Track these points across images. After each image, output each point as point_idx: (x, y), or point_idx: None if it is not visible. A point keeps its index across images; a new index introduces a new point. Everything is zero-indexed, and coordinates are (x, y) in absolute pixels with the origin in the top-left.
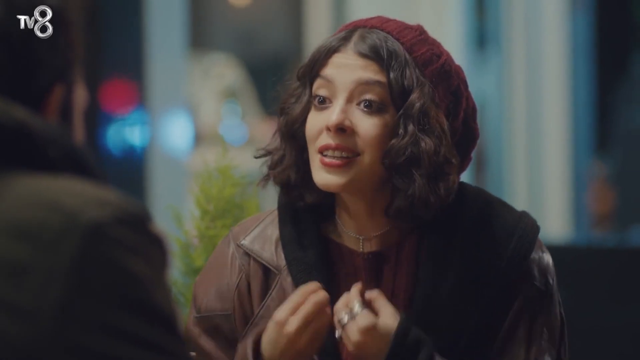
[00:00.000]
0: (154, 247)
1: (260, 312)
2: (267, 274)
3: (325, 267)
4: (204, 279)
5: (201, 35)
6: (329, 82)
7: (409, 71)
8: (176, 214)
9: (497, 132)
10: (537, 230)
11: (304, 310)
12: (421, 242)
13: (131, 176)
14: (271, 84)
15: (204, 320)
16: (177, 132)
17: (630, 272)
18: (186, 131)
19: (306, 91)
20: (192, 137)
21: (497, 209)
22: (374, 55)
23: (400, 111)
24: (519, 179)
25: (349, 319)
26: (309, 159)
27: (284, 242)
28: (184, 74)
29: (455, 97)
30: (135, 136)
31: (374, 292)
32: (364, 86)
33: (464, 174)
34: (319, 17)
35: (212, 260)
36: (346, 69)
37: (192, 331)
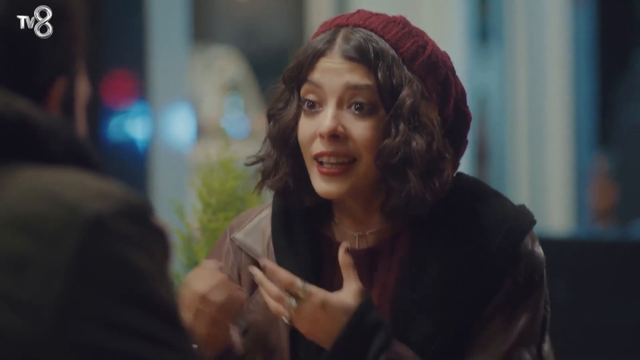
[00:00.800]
0: (156, 240)
1: (249, 306)
2: (258, 267)
3: (317, 267)
4: None
5: (203, 28)
6: (317, 87)
7: (396, 69)
8: (178, 207)
9: (499, 127)
10: (531, 224)
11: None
12: (415, 235)
13: (133, 169)
14: (273, 77)
15: None
16: (179, 126)
17: (631, 266)
18: (188, 124)
19: (294, 95)
20: (194, 130)
21: (491, 200)
22: (360, 57)
23: (390, 111)
24: (521, 173)
25: (299, 301)
26: (304, 163)
27: (276, 248)
28: (186, 67)
29: (444, 86)
30: (137, 129)
31: (347, 259)
32: (352, 90)
33: (467, 168)
34: (321, 10)
35: (212, 252)
36: (334, 73)
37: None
